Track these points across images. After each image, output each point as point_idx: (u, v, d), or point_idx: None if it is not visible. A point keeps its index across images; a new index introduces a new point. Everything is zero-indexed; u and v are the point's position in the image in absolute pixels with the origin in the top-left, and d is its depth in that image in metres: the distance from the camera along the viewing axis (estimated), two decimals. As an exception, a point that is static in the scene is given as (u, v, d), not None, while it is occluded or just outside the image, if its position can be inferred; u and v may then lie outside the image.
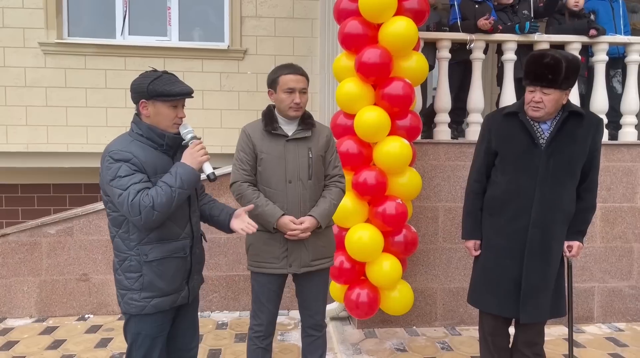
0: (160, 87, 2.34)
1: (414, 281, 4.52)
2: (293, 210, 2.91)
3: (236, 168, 2.97)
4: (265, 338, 3.06)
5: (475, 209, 3.06)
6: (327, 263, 3.08)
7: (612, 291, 4.77)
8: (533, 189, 2.81)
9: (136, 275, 2.39)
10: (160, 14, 6.33)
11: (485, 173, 3.03)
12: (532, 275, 2.84)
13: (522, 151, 2.84)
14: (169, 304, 2.45)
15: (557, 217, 2.84)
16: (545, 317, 2.91)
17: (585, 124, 2.81)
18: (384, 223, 3.92)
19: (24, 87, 6.04)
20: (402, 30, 3.81)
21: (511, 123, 2.89)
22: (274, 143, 2.93)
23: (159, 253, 2.38)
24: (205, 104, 6.24)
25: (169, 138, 2.40)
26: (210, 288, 4.95)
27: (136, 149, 2.35)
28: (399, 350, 4.15)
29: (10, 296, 4.76)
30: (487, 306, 3.00)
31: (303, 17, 6.32)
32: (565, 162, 2.79)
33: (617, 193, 4.72)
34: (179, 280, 2.47)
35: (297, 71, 2.90)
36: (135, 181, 2.27)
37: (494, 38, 4.70)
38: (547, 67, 2.64)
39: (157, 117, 2.39)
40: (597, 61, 4.78)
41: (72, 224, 4.77)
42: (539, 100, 2.71)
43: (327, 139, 3.07)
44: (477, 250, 3.07)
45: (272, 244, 2.94)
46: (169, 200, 2.26)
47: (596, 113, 4.72)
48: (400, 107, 3.92)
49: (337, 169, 3.10)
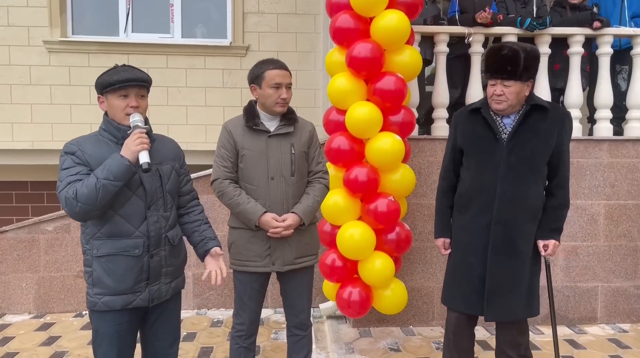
0: (104, 78, 2.31)
1: (410, 280, 4.44)
2: (276, 207, 2.87)
3: (217, 165, 2.93)
4: (247, 338, 3.02)
5: (443, 207, 3.05)
6: (311, 260, 3.04)
7: (617, 291, 4.63)
8: (495, 185, 2.76)
9: (89, 270, 2.36)
10: (163, 11, 6.34)
11: (453, 170, 3.00)
12: (497, 272, 2.78)
13: (485, 147, 2.80)
14: (121, 304, 2.36)
15: (521, 213, 2.76)
16: (515, 317, 2.82)
17: (549, 118, 2.76)
18: (376, 221, 3.85)
19: (28, 85, 6.09)
20: (394, 24, 3.73)
21: (475, 119, 2.87)
22: (256, 139, 2.89)
23: (107, 249, 2.33)
24: (208, 101, 6.23)
25: (124, 131, 2.33)
26: (206, 285, 4.94)
27: (87, 142, 2.33)
28: (393, 349, 4.08)
29: (9, 292, 4.81)
30: (455, 304, 2.96)
31: (306, 13, 6.27)
32: (528, 157, 2.73)
33: (622, 190, 4.58)
34: (130, 280, 2.36)
35: (282, 66, 2.88)
36: (72, 173, 2.25)
37: (493, 31, 4.59)
38: (506, 59, 2.64)
39: (111, 110, 2.35)
40: (602, 53, 4.64)
41: (69, 221, 4.79)
42: (500, 93, 2.69)
43: (310, 135, 3.02)
44: (447, 248, 3.05)
45: (255, 242, 2.90)
46: (91, 192, 2.18)
47: (601, 108, 4.65)
48: (393, 103, 3.84)
49: (321, 165, 3.06)
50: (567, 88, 4.69)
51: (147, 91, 2.43)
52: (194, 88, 6.20)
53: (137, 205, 2.37)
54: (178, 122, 6.18)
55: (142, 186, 2.38)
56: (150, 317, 2.55)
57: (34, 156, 6.27)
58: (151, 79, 2.45)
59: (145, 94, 2.42)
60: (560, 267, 4.59)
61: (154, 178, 2.40)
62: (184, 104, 6.21)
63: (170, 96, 6.17)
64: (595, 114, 4.76)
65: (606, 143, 4.57)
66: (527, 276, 2.82)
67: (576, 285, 4.61)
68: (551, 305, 3.01)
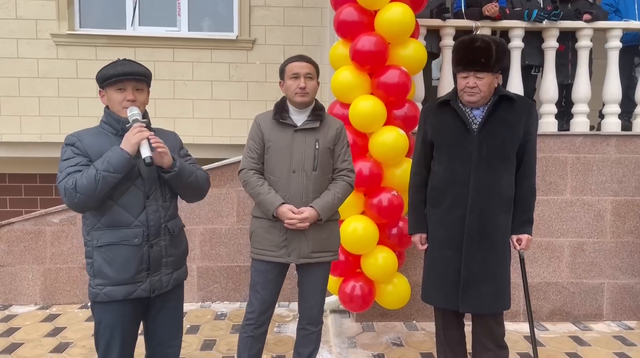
0: (103, 72, 2.36)
1: (414, 275, 4.43)
2: (294, 200, 2.90)
3: (245, 156, 3.02)
4: (257, 327, 3.02)
5: (416, 202, 3.05)
6: (328, 256, 3.04)
7: (623, 288, 4.58)
8: (468, 175, 2.78)
9: (90, 261, 2.39)
10: (170, 5, 6.34)
11: (424, 165, 3.02)
12: (472, 263, 2.79)
13: (456, 138, 2.82)
14: (123, 294, 2.38)
15: (495, 202, 2.78)
16: (489, 308, 2.81)
17: (517, 108, 2.80)
18: (379, 215, 3.84)
19: (36, 78, 6.13)
20: (399, 17, 3.70)
21: (444, 112, 2.89)
22: (283, 132, 2.95)
23: (107, 239, 2.35)
24: (214, 94, 6.23)
25: (124, 123, 2.37)
26: (211, 278, 4.95)
27: (86, 135, 2.36)
28: (396, 344, 4.07)
29: (15, 284, 4.85)
30: (436, 301, 2.96)
31: (312, 6, 6.24)
32: (498, 146, 2.76)
33: (630, 185, 4.52)
34: (131, 270, 2.38)
35: (302, 59, 2.96)
36: (72, 164, 2.28)
37: (501, 25, 4.55)
38: (479, 51, 2.66)
39: (110, 103, 2.40)
40: (610, 47, 4.58)
41: (75, 213, 4.81)
42: (473, 85, 2.71)
43: (338, 132, 3.05)
44: (424, 243, 3.04)
45: (273, 232, 2.93)
46: (90, 183, 2.21)
47: (609, 103, 4.59)
48: (397, 96, 3.82)
49: (347, 163, 3.08)
50: (575, 83, 4.64)
51: (146, 85, 2.45)
52: (201, 82, 6.20)
53: (135, 195, 2.40)
54: (184, 116, 6.18)
55: (140, 176, 2.40)
56: (152, 309, 2.56)
57: (42, 148, 6.30)
58: (150, 73, 2.46)
59: (144, 88, 2.44)
60: (566, 263, 4.55)
61: (151, 169, 2.42)
62: (190, 98, 6.21)
63: (176, 89, 6.18)
64: (604, 109, 4.71)
65: (614, 138, 4.51)
66: (500, 268, 2.83)
67: (582, 281, 4.57)
68: (527, 300, 3.03)
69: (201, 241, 4.92)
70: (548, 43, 4.57)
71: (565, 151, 4.50)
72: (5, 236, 4.81)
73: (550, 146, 4.47)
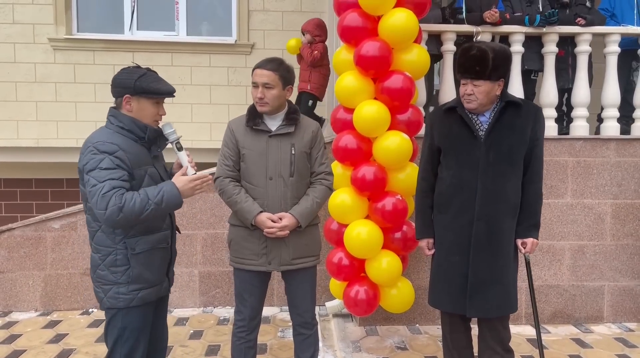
0: (147, 84, 2.40)
1: (417, 279, 4.44)
2: (273, 208, 2.87)
3: (220, 164, 2.97)
4: (248, 333, 3.02)
5: (424, 207, 3.05)
6: (310, 261, 3.02)
7: (624, 290, 4.63)
8: (475, 181, 2.79)
9: (123, 268, 2.41)
10: (168, 9, 6.35)
11: (431, 171, 3.03)
12: (480, 269, 2.80)
13: (463, 145, 2.84)
14: (155, 295, 2.52)
15: (502, 208, 2.80)
16: (497, 313, 2.84)
17: (523, 114, 2.81)
18: (383, 219, 3.85)
19: (34, 83, 6.11)
20: (403, 22, 3.72)
21: (451, 118, 2.89)
22: (257, 139, 2.90)
23: (146, 245, 2.44)
24: (213, 98, 6.25)
25: (150, 131, 2.45)
26: (213, 283, 4.94)
27: (120, 141, 2.37)
28: (400, 348, 4.08)
29: (16, 290, 4.81)
30: (443, 305, 2.98)
31: (311, 11, 6.27)
32: (505, 152, 2.78)
33: (629, 189, 4.57)
34: (163, 271, 2.56)
35: (264, 65, 2.84)
36: (114, 176, 2.27)
37: (501, 30, 4.58)
38: (474, 59, 2.67)
39: (140, 113, 2.44)
40: (609, 52, 4.63)
41: (75, 219, 4.79)
42: (470, 92, 2.73)
43: (314, 135, 3.00)
44: (431, 248, 3.05)
45: (251, 241, 2.91)
46: (140, 209, 2.26)
47: (608, 107, 4.64)
48: (401, 101, 3.83)
49: (324, 166, 3.04)
50: (575, 87, 4.68)
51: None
52: (199, 86, 6.20)
53: None
54: (183, 120, 6.17)
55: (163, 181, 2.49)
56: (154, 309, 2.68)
57: (39, 153, 6.28)
58: None
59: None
60: (567, 266, 4.58)
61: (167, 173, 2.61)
62: (189, 102, 6.21)
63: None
64: (603, 112, 4.76)
65: (613, 142, 4.56)
66: (508, 273, 2.85)
67: (583, 284, 4.61)
68: (533, 303, 3.04)
69: (203, 246, 4.91)
70: (548, 48, 4.61)
71: (565, 154, 4.54)
72: (5, 242, 4.77)
73: (551, 149, 4.50)
